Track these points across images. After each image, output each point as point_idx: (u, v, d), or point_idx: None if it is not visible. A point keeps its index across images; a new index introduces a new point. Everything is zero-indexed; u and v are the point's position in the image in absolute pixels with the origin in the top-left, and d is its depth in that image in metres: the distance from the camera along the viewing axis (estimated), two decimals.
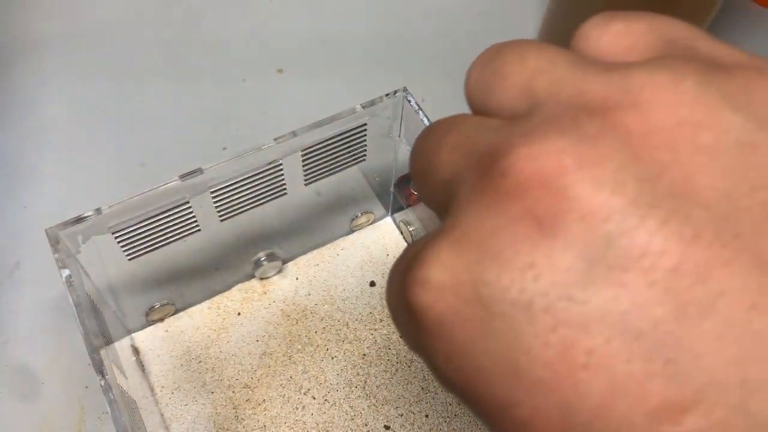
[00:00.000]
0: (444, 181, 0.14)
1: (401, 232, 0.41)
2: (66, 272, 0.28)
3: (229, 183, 0.32)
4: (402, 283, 0.13)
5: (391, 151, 0.37)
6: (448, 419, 0.35)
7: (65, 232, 0.29)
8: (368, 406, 0.36)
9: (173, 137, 0.46)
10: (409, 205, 0.39)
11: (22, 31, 0.51)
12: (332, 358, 0.37)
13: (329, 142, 0.34)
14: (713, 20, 0.44)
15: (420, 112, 0.33)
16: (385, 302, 0.39)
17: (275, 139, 0.32)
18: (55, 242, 0.29)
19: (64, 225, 0.29)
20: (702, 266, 0.11)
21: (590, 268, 0.11)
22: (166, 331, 0.37)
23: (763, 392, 0.10)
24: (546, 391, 0.11)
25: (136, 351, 0.37)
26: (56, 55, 0.50)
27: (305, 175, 0.35)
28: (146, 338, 0.37)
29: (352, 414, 0.35)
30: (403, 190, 0.39)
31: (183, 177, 0.31)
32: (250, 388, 0.36)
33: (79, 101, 0.48)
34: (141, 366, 0.36)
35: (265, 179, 0.33)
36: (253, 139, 0.40)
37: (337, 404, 0.36)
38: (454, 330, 0.12)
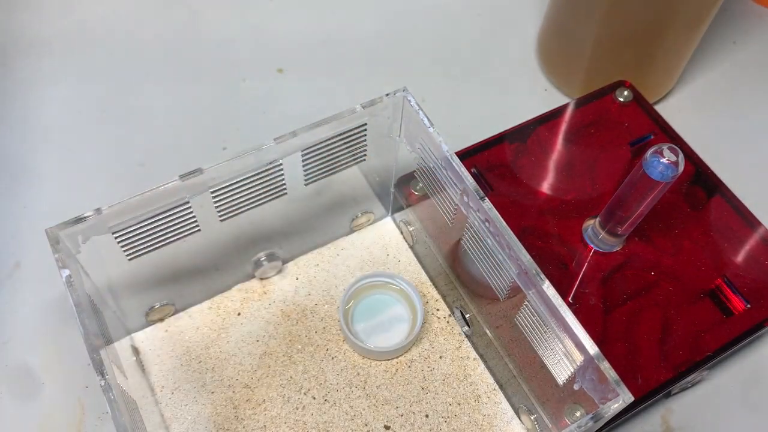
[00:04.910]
0: None
1: (401, 232, 0.41)
2: (66, 272, 0.28)
3: (229, 183, 0.32)
4: None
5: (391, 151, 0.37)
6: (448, 419, 0.35)
7: (65, 232, 0.29)
8: (368, 406, 0.36)
9: (173, 137, 0.46)
10: (409, 205, 0.39)
11: (22, 31, 0.51)
12: (332, 358, 0.37)
13: (329, 142, 0.34)
14: (713, 20, 0.44)
15: (420, 112, 0.33)
16: None
17: (275, 139, 0.32)
18: (55, 242, 0.29)
19: (64, 225, 0.29)
20: None
21: None
22: (166, 331, 0.37)
23: None
24: None
25: (136, 351, 0.37)
26: (56, 55, 0.50)
27: (305, 175, 0.35)
28: (146, 338, 0.37)
29: (352, 414, 0.35)
30: (403, 190, 0.39)
31: (183, 177, 0.30)
32: (250, 388, 0.36)
33: (79, 101, 0.48)
34: (141, 366, 0.36)
35: (265, 179, 0.33)
36: (253, 139, 0.40)
37: (337, 404, 0.36)
38: None
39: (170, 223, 0.32)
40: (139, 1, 0.53)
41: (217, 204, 0.33)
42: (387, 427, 0.35)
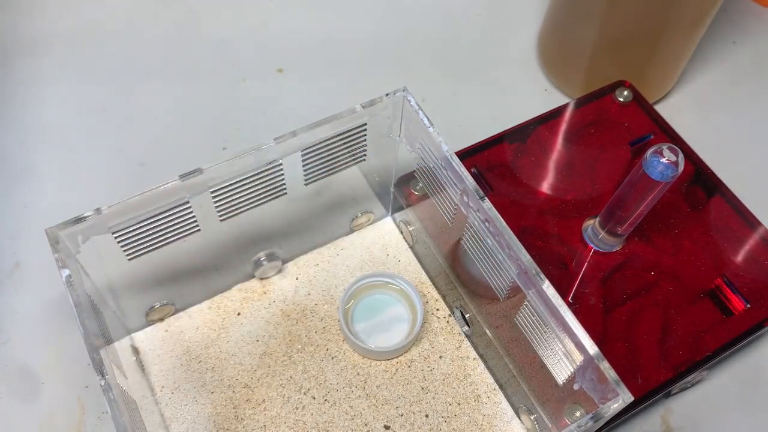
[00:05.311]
0: None
1: (401, 232, 0.41)
2: (66, 272, 0.28)
3: (229, 183, 0.32)
4: None
5: (391, 151, 0.37)
6: (448, 419, 0.35)
7: (65, 232, 0.29)
8: (368, 406, 0.36)
9: (173, 137, 0.46)
10: (409, 205, 0.39)
11: (22, 31, 0.51)
12: (332, 358, 0.37)
13: (329, 142, 0.34)
14: (713, 20, 0.44)
15: (420, 112, 0.33)
16: None
17: (275, 139, 0.32)
18: (55, 242, 0.29)
19: (64, 225, 0.29)
20: None
21: None
22: (166, 331, 0.37)
23: None
24: None
25: (136, 351, 0.37)
26: (56, 55, 0.50)
27: (305, 175, 0.35)
28: (146, 338, 0.37)
29: (352, 414, 0.35)
30: (403, 190, 0.39)
31: (183, 177, 0.30)
32: (250, 388, 0.36)
33: (79, 101, 0.48)
34: (141, 366, 0.36)
35: (265, 179, 0.33)
36: (253, 139, 0.40)
37: (337, 404, 0.36)
38: None
39: (170, 223, 0.32)
40: (139, 1, 0.53)
41: (217, 204, 0.33)
42: (387, 427, 0.35)
